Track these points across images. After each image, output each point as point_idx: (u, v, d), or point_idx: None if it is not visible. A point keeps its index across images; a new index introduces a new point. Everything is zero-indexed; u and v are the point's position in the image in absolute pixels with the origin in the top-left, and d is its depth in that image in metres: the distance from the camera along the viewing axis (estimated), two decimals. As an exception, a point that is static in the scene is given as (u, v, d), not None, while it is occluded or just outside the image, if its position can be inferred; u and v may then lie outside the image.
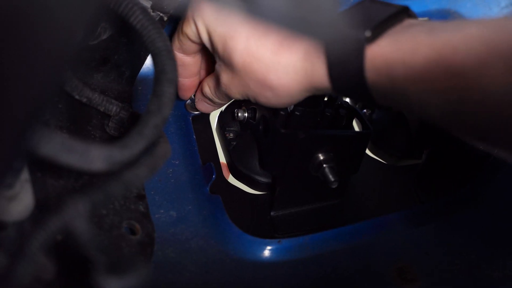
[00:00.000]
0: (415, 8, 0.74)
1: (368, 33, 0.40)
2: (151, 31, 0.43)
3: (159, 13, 0.52)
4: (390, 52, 0.40)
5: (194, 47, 0.52)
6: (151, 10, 0.51)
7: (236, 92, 0.50)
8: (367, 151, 0.68)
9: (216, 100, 0.55)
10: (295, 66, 0.45)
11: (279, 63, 0.45)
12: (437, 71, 0.38)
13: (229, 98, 0.53)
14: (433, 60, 0.38)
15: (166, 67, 0.42)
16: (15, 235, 0.37)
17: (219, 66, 0.50)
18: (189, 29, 0.50)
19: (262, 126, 0.58)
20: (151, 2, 0.51)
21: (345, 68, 0.42)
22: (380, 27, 0.41)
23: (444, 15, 0.75)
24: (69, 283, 0.38)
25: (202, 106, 0.58)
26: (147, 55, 0.55)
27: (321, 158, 0.55)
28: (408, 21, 0.42)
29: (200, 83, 0.57)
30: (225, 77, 0.50)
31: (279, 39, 0.45)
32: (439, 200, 0.64)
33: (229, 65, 0.48)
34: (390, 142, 0.67)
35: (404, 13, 0.42)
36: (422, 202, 0.64)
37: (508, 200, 0.65)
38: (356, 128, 0.64)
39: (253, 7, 0.45)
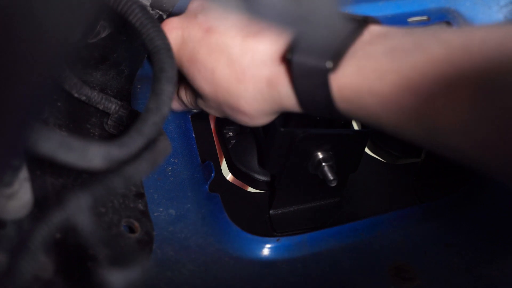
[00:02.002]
0: (414, 7, 0.74)
1: (329, 64, 0.39)
2: (150, 29, 0.43)
3: (158, 11, 0.52)
4: (357, 81, 0.39)
5: None
6: (150, 8, 0.51)
7: (217, 114, 0.51)
8: (366, 150, 0.68)
9: (190, 107, 0.55)
10: (262, 94, 0.44)
11: (246, 91, 0.45)
12: (406, 97, 0.37)
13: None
14: (401, 86, 0.37)
15: (165, 65, 0.42)
16: (14, 234, 0.37)
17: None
18: None
19: (261, 125, 0.58)
20: (150, 0, 0.51)
21: (314, 99, 0.42)
22: (341, 51, 0.39)
23: (443, 14, 0.75)
24: (68, 283, 0.38)
25: (173, 104, 0.57)
26: (146, 53, 0.55)
27: (320, 156, 0.55)
28: (368, 32, 0.41)
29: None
30: (202, 102, 0.50)
31: (242, 67, 0.44)
32: (438, 199, 0.64)
33: (203, 96, 0.48)
34: (389, 141, 0.67)
35: (363, 24, 0.41)
36: (421, 201, 0.64)
37: (507, 200, 0.65)
38: (356, 127, 0.64)
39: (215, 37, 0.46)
